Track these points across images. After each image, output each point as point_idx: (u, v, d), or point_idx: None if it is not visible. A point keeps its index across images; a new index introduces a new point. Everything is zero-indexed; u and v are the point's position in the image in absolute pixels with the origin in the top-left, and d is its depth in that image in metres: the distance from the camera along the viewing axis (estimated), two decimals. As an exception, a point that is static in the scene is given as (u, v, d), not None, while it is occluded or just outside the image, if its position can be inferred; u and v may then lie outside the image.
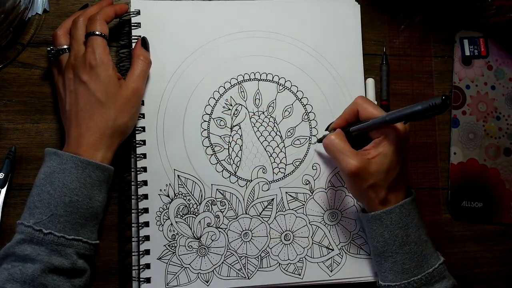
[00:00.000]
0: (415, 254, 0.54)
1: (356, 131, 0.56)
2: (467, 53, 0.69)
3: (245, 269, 0.59)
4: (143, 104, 0.59)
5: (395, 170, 0.54)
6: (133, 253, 0.57)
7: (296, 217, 0.61)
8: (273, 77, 0.63)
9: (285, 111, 0.62)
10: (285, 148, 0.62)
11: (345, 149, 0.55)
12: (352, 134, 0.57)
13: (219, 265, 0.58)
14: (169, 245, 0.58)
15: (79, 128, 0.53)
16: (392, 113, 0.52)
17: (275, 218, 0.60)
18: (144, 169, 0.58)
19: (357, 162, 0.53)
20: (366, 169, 0.53)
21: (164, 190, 0.58)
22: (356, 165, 0.53)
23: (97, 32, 0.54)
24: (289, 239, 0.60)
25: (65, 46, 0.56)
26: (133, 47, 0.58)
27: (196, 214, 0.59)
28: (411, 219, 0.55)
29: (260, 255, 0.59)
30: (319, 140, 0.62)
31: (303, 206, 0.61)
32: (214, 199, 0.59)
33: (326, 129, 0.62)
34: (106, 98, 0.53)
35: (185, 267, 0.58)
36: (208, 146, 0.60)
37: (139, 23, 0.60)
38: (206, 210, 0.59)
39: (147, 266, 0.57)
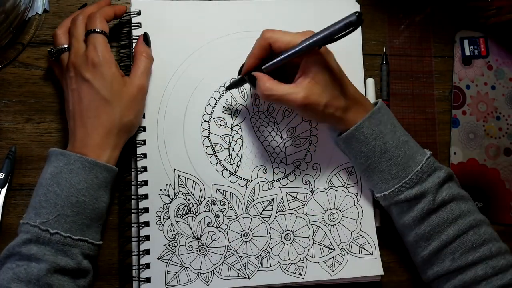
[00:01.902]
0: (398, 158, 0.55)
1: (270, 68, 0.54)
2: (467, 53, 0.69)
3: (245, 269, 0.59)
4: (143, 104, 0.59)
5: (338, 79, 0.55)
6: (133, 253, 0.57)
7: (297, 217, 0.61)
8: (273, 77, 0.63)
9: (286, 111, 0.62)
10: (285, 148, 0.62)
11: (285, 90, 0.53)
12: (265, 71, 0.54)
13: (219, 265, 0.58)
14: (169, 245, 0.58)
15: (85, 127, 0.52)
16: (306, 41, 0.51)
17: (275, 218, 0.60)
18: (145, 169, 0.58)
19: (302, 92, 0.53)
20: (313, 93, 0.53)
21: (164, 189, 0.58)
22: (303, 96, 0.53)
23: (98, 30, 0.54)
24: (290, 239, 0.60)
25: (65, 45, 0.55)
26: (133, 47, 0.58)
27: (196, 214, 0.59)
28: (384, 127, 0.55)
29: (260, 255, 0.59)
30: (228, 88, 0.60)
31: (303, 206, 0.61)
32: (214, 199, 0.59)
33: (239, 74, 0.59)
34: (111, 96, 0.53)
35: (185, 267, 0.58)
36: (208, 146, 0.60)
37: (140, 23, 0.60)
38: (206, 210, 0.59)
39: (147, 266, 0.57)
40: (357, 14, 0.47)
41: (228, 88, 0.61)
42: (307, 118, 0.62)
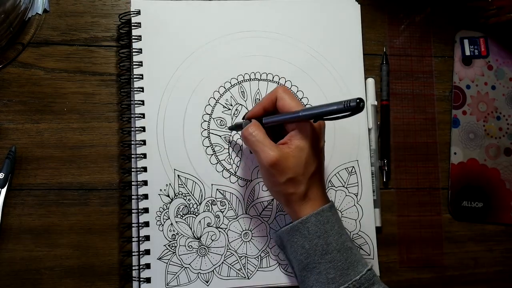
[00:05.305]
0: (338, 262, 0.52)
1: (268, 123, 0.55)
2: (467, 53, 0.69)
3: (245, 269, 0.59)
4: (143, 104, 0.59)
5: (313, 164, 0.53)
6: (133, 253, 0.57)
7: (296, 217, 0.61)
8: (273, 77, 0.63)
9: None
10: (285, 148, 0.62)
11: (265, 141, 0.53)
12: (264, 125, 0.55)
13: (219, 265, 0.58)
14: (169, 245, 0.58)
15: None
16: (306, 110, 0.51)
17: (275, 218, 0.60)
18: (144, 169, 0.58)
19: (277, 153, 0.51)
20: (285, 162, 0.52)
21: (164, 190, 0.58)
22: (276, 157, 0.51)
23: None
24: (289, 239, 0.60)
25: None
26: (133, 46, 0.59)
27: (196, 214, 0.59)
28: (330, 227, 0.53)
29: (260, 255, 0.59)
30: (230, 128, 0.60)
31: (303, 206, 0.61)
32: (214, 199, 0.59)
33: (243, 118, 0.59)
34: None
35: (185, 267, 0.58)
36: (208, 146, 0.60)
37: (139, 23, 0.60)
38: (206, 210, 0.59)
39: (147, 266, 0.57)
40: (358, 100, 0.45)
41: (230, 129, 0.61)
42: (264, 183, 0.57)
